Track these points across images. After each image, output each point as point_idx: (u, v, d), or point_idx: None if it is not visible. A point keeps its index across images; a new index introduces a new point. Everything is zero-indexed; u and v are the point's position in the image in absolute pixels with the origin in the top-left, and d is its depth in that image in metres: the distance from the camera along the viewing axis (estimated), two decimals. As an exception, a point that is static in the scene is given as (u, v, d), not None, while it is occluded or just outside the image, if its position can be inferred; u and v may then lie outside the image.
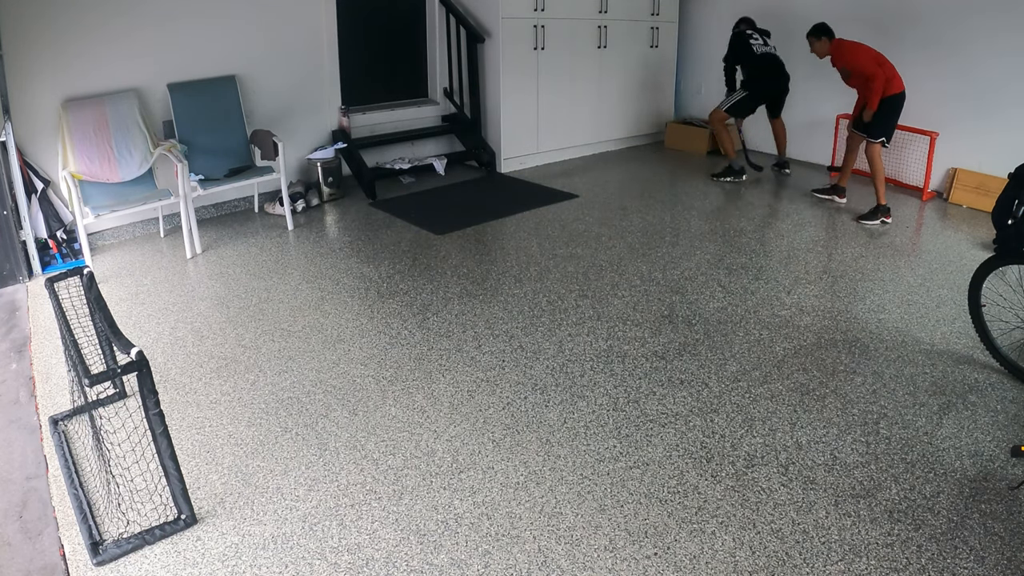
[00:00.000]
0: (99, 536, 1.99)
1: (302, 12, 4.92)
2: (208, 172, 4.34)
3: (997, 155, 4.79)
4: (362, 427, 2.54)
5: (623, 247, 4.24)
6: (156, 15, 4.25)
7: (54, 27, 3.91)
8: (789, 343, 3.13)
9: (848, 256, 4.11)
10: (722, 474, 2.30)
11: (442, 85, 5.97)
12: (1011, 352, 2.88)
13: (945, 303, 3.50)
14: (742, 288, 3.68)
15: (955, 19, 4.96)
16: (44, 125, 3.97)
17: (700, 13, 6.74)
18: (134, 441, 2.21)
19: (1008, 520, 2.07)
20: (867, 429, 2.52)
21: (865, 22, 5.49)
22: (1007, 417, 2.58)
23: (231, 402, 2.69)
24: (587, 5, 5.95)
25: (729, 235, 4.45)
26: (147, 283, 3.74)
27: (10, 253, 3.67)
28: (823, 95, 5.87)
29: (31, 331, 3.24)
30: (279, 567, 1.93)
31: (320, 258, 4.06)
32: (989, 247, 3.56)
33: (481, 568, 1.93)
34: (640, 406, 2.66)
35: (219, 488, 2.23)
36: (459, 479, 2.28)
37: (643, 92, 6.68)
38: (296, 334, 3.19)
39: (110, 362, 2.56)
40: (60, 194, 4.04)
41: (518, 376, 2.87)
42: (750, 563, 1.94)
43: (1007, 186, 2.72)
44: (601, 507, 2.15)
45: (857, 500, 2.17)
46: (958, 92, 5.04)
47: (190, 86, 4.39)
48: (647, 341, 3.14)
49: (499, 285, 3.70)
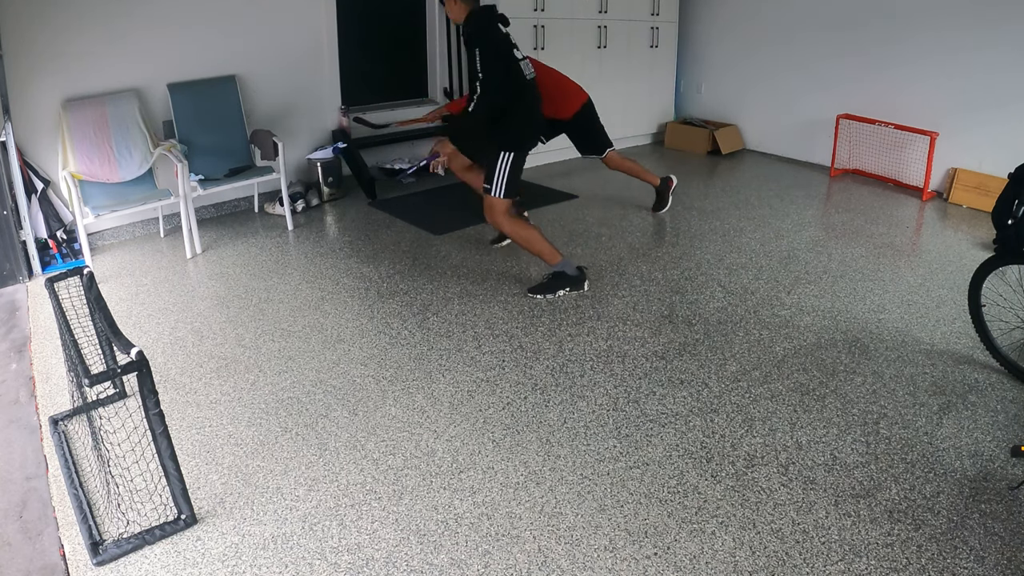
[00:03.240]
0: (99, 536, 1.99)
1: (302, 12, 4.92)
2: (208, 172, 4.34)
3: (997, 155, 4.79)
4: (362, 427, 2.54)
5: (623, 247, 4.24)
6: (156, 15, 4.24)
7: (54, 27, 3.91)
8: (789, 343, 3.13)
9: (848, 256, 4.11)
10: (722, 474, 2.30)
11: (442, 85, 5.97)
12: (1011, 352, 2.88)
13: (945, 303, 3.50)
14: (742, 288, 3.68)
15: (954, 18, 4.96)
16: (44, 125, 3.97)
17: (700, 13, 6.74)
18: (134, 441, 2.21)
19: (1008, 520, 2.07)
20: (867, 429, 2.52)
21: (865, 22, 5.49)
22: (1007, 417, 2.58)
23: (231, 402, 2.69)
24: (587, 5, 5.94)
25: (729, 235, 4.45)
26: (147, 283, 3.74)
27: (10, 253, 3.67)
28: (823, 95, 5.87)
29: (31, 331, 3.23)
30: (279, 567, 1.93)
31: (320, 258, 4.06)
32: (989, 247, 3.56)
33: (481, 568, 1.93)
34: (640, 406, 2.66)
35: (219, 488, 2.23)
36: (459, 479, 2.28)
37: (643, 92, 6.68)
38: (296, 334, 3.19)
39: (110, 362, 2.56)
40: (60, 194, 4.04)
41: (518, 376, 2.87)
42: (750, 563, 1.94)
43: (1007, 186, 2.72)
44: (601, 507, 2.15)
45: (857, 500, 2.17)
46: (958, 92, 5.04)
47: (190, 86, 4.39)
48: (647, 341, 3.14)
49: (499, 285, 3.70)
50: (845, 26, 5.62)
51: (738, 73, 6.55)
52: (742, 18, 6.41)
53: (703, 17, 6.73)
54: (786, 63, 6.12)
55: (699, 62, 6.88)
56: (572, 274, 3.53)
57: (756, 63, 6.36)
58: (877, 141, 5.53)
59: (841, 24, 5.65)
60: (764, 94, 6.38)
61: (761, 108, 6.47)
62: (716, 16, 6.63)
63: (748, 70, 6.45)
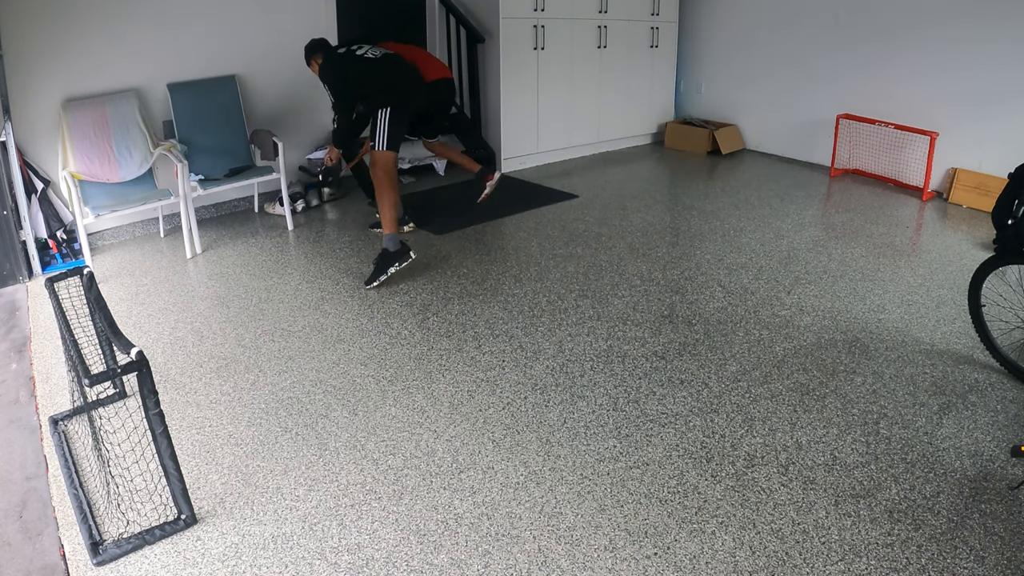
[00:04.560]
0: (99, 536, 1.99)
1: (302, 12, 4.92)
2: (208, 172, 4.34)
3: (997, 155, 4.79)
4: (362, 427, 2.54)
5: (623, 247, 4.24)
6: (156, 15, 4.24)
7: (54, 27, 3.91)
8: (789, 343, 3.13)
9: (848, 256, 4.11)
10: (722, 474, 2.30)
11: (442, 85, 5.97)
12: (1011, 352, 2.88)
13: (945, 303, 3.50)
14: (742, 288, 3.68)
15: (955, 18, 4.96)
16: (44, 125, 3.97)
17: (700, 13, 6.74)
18: (134, 441, 2.21)
19: (1008, 520, 2.07)
20: (867, 429, 2.52)
21: (865, 22, 5.49)
22: (1007, 417, 2.58)
23: (231, 402, 2.69)
24: (587, 5, 5.94)
25: (729, 235, 4.45)
26: (147, 283, 3.74)
27: (10, 253, 3.67)
28: (823, 95, 5.87)
29: (31, 331, 3.24)
30: (279, 567, 1.93)
31: (320, 258, 4.06)
32: (989, 247, 3.56)
33: (481, 568, 1.93)
34: (640, 406, 2.66)
35: (219, 488, 2.23)
36: (459, 479, 2.28)
37: (643, 92, 6.68)
38: (296, 334, 3.19)
39: (110, 362, 2.56)
40: (60, 194, 4.04)
41: (518, 376, 2.87)
42: (750, 563, 1.94)
43: (1007, 186, 2.72)
44: (601, 507, 2.15)
45: (857, 500, 2.17)
46: (958, 92, 5.04)
47: (190, 86, 4.39)
48: (647, 341, 3.14)
49: (499, 285, 3.70)
50: (845, 26, 5.63)
51: (738, 73, 6.54)
52: (742, 18, 6.41)
53: (703, 17, 6.73)
54: (786, 63, 6.12)
55: (699, 62, 6.88)
56: (394, 249, 3.65)
57: (756, 63, 6.36)
58: (877, 141, 5.53)
59: (842, 24, 5.65)
60: (764, 94, 6.38)
61: (761, 108, 6.46)
62: (716, 16, 6.63)
63: (748, 70, 6.45)
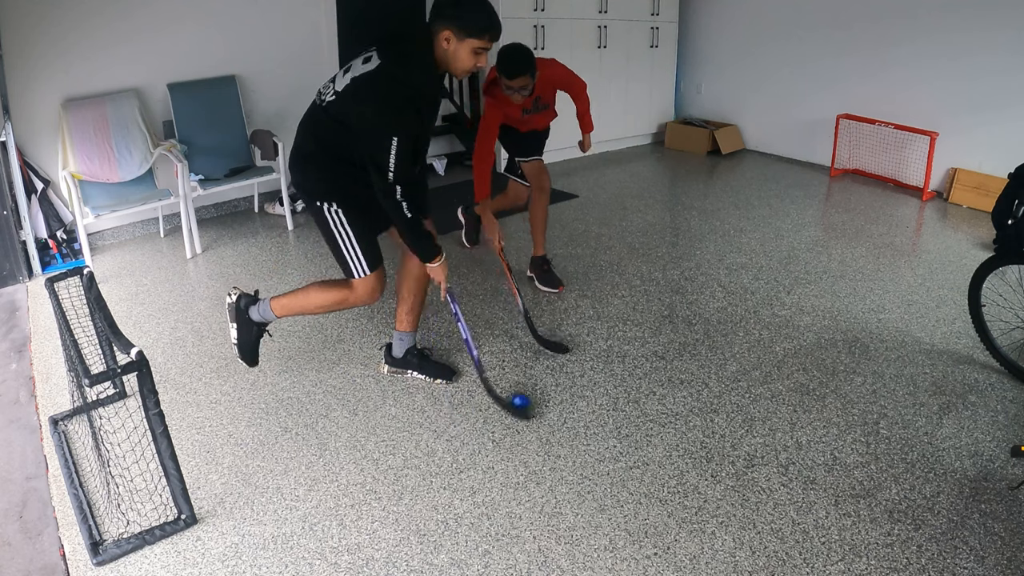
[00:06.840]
0: (99, 536, 1.99)
1: (302, 12, 4.91)
2: (208, 172, 4.34)
3: (997, 155, 4.79)
4: (362, 427, 2.54)
5: (623, 247, 4.24)
6: (156, 15, 4.24)
7: (54, 27, 3.91)
8: (789, 343, 3.13)
9: (848, 256, 4.11)
10: (722, 474, 2.30)
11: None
12: (1011, 352, 2.88)
13: (945, 303, 3.50)
14: (742, 288, 3.68)
15: (955, 18, 4.96)
16: (44, 125, 3.97)
17: (700, 13, 6.74)
18: (134, 441, 2.21)
19: (1008, 520, 2.07)
20: (867, 429, 2.52)
21: (864, 22, 5.49)
22: (1007, 417, 2.58)
23: (231, 402, 2.69)
24: (587, 5, 5.94)
25: (729, 235, 4.45)
26: (147, 283, 3.74)
27: (10, 253, 3.67)
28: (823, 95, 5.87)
29: (31, 331, 3.23)
30: (279, 567, 1.93)
31: (320, 258, 4.06)
32: (989, 247, 3.56)
33: (481, 568, 1.93)
34: (640, 406, 2.66)
35: (219, 488, 2.23)
36: (459, 479, 2.28)
37: (643, 92, 6.67)
38: (296, 334, 3.19)
39: (110, 362, 2.56)
40: (60, 194, 4.04)
41: (518, 376, 2.86)
42: (750, 563, 1.94)
43: (1007, 186, 2.72)
44: (601, 507, 2.15)
45: (857, 500, 2.17)
46: (958, 92, 5.04)
47: (190, 86, 4.39)
48: (647, 341, 3.14)
49: (499, 285, 3.70)
50: (845, 26, 5.62)
51: (738, 73, 6.54)
52: (742, 18, 6.41)
53: (703, 17, 6.73)
54: (786, 63, 6.12)
55: (699, 62, 6.88)
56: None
57: (756, 63, 6.36)
58: (877, 141, 5.53)
59: (841, 24, 5.65)
60: (764, 94, 6.38)
61: (761, 108, 6.46)
62: (716, 16, 6.63)
63: (748, 70, 6.45)
